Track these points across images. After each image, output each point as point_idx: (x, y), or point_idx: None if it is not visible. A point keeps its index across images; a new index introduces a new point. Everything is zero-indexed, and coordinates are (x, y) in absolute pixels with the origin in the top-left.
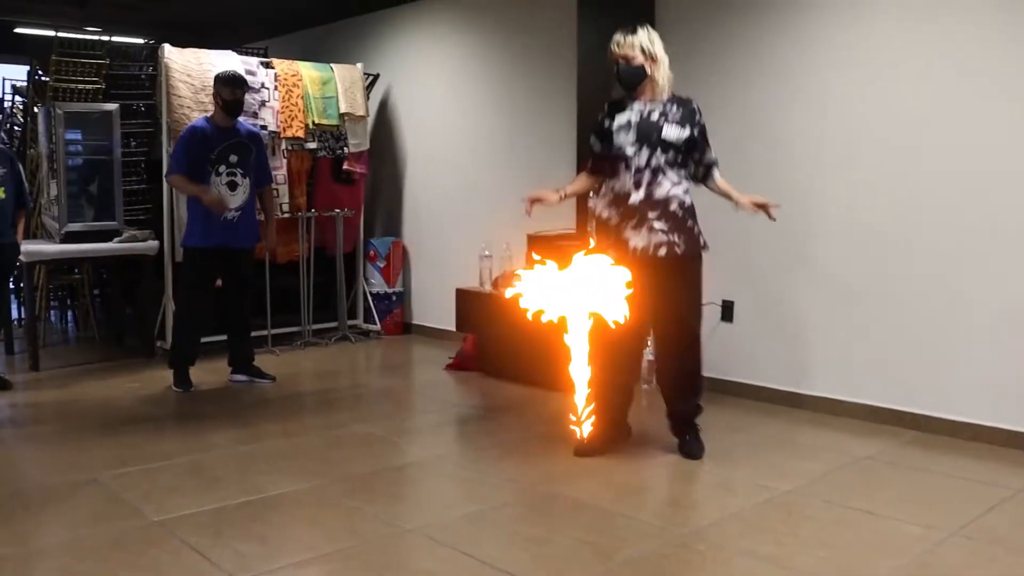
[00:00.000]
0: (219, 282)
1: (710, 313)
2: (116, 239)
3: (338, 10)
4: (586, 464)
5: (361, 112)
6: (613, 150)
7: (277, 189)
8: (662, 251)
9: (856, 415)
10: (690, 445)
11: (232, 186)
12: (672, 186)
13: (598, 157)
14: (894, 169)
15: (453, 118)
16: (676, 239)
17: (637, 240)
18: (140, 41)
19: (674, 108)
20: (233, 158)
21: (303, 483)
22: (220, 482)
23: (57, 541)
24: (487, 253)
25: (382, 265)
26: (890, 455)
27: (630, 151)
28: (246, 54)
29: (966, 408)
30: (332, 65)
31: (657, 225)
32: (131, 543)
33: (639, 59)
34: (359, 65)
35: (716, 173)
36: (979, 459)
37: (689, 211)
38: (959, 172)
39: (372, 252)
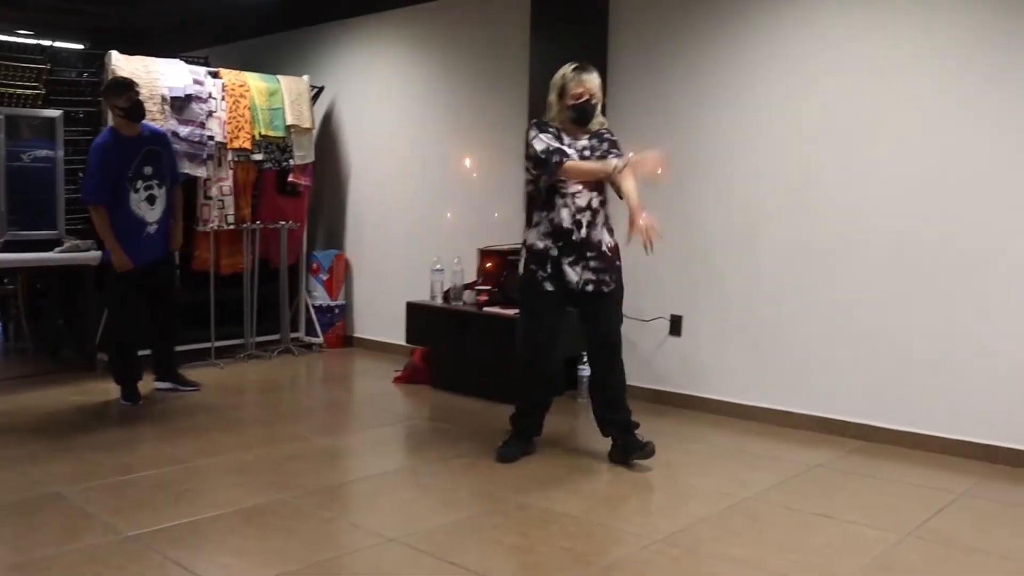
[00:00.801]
0: None
1: (659, 327)
2: (57, 248)
3: (281, 22)
4: (549, 473)
5: (307, 124)
6: (558, 182)
7: (223, 200)
8: (590, 287)
9: (803, 426)
10: (637, 445)
11: (151, 200)
12: (602, 225)
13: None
14: (838, 183)
15: (400, 132)
16: (607, 278)
17: (572, 275)
18: (78, 46)
19: (604, 145)
20: (148, 170)
21: (273, 495)
22: (189, 495)
23: (32, 558)
24: (439, 267)
25: (325, 278)
26: (839, 463)
27: (572, 189)
28: (189, 63)
29: (908, 418)
30: (279, 76)
31: (593, 264)
32: (110, 558)
33: (597, 98)
34: (305, 77)
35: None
36: (922, 465)
37: (615, 250)
38: (905, 187)
39: (315, 265)
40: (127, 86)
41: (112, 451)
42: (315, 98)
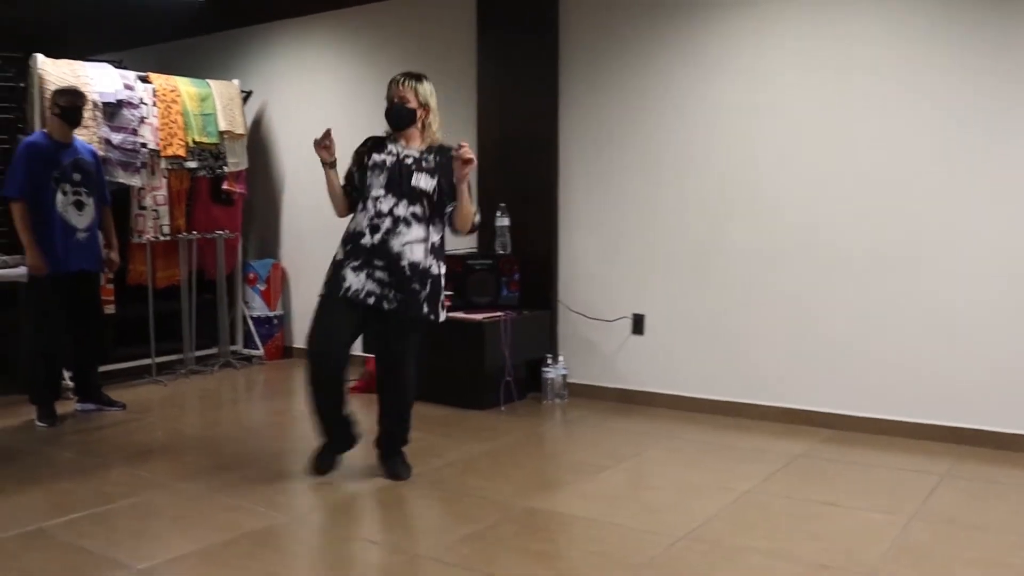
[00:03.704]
0: None
1: (621, 327)
2: None
3: (199, 25)
4: (543, 477)
5: (240, 130)
6: (364, 188)
7: (158, 210)
8: (371, 300)
9: (771, 417)
10: (398, 466)
11: (79, 205)
12: (410, 241)
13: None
14: (796, 177)
15: (334, 136)
16: (390, 295)
17: (353, 281)
18: None
19: (431, 157)
20: (77, 176)
21: (279, 516)
22: (185, 521)
23: None
24: None
25: (262, 288)
26: (818, 452)
27: (375, 193)
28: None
29: (872, 405)
30: (209, 81)
31: (378, 275)
32: None
33: (413, 103)
34: (236, 81)
35: (450, 210)
36: (895, 450)
37: (420, 273)
38: (867, 179)
39: (252, 275)
40: (76, 92)
41: (77, 479)
42: (243, 103)
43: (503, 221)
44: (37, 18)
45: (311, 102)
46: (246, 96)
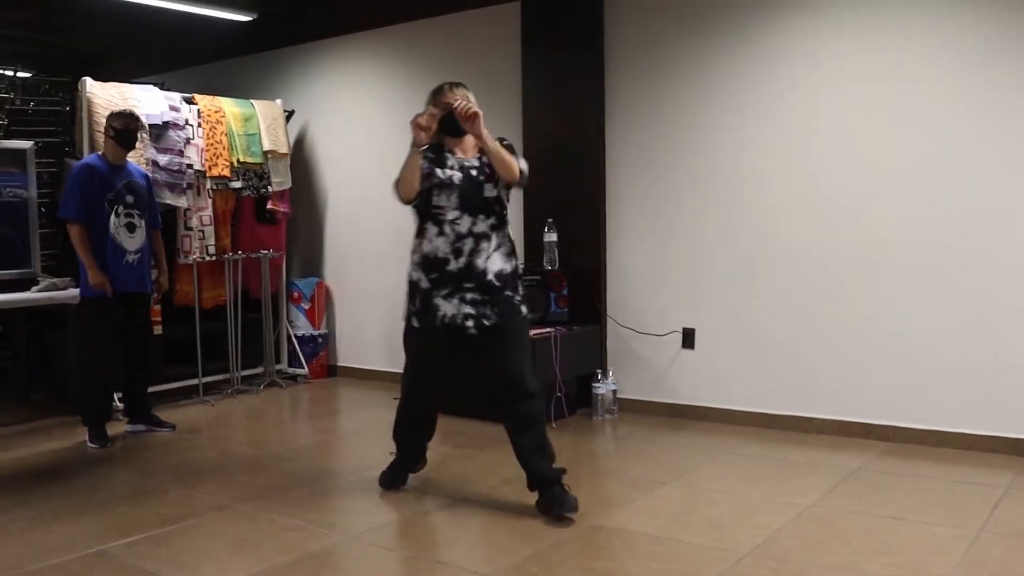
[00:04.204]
0: None
1: (671, 341)
2: (34, 288)
3: (242, 46)
4: (605, 494)
5: (284, 149)
6: (432, 208)
7: (204, 231)
8: (469, 323)
9: (825, 430)
10: (565, 497)
11: (131, 228)
12: (491, 253)
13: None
14: (848, 190)
15: (377, 154)
16: (487, 311)
17: (447, 309)
18: (25, 74)
19: (487, 161)
20: (130, 198)
21: (339, 536)
22: (247, 543)
23: None
24: None
25: (307, 307)
26: (876, 465)
27: (451, 216)
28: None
29: (930, 417)
30: (252, 101)
31: (470, 296)
32: None
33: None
34: (278, 101)
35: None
36: (955, 463)
37: (505, 279)
38: (918, 190)
39: (296, 294)
40: (131, 115)
41: (132, 501)
42: (286, 122)
43: (551, 236)
44: (82, 43)
45: (353, 121)
46: (288, 116)
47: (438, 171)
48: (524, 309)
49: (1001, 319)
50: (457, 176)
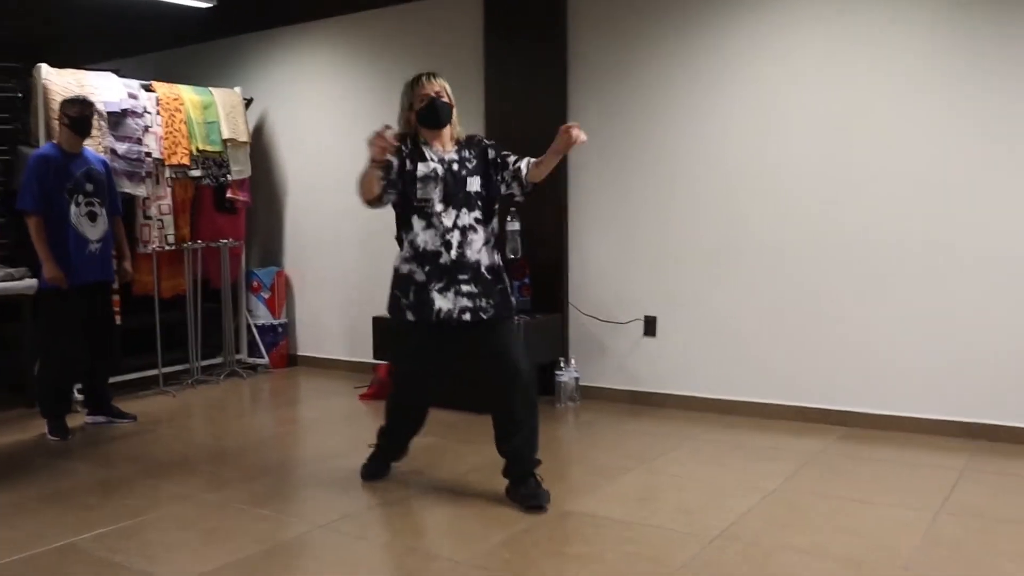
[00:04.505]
0: None
1: (633, 329)
2: None
3: (197, 33)
4: (572, 480)
5: (243, 138)
6: (415, 201)
7: (163, 220)
8: (466, 316)
9: (784, 416)
10: (538, 490)
11: (92, 216)
12: (480, 246)
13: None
14: (811, 175)
15: (337, 142)
16: (483, 304)
17: (443, 303)
18: None
19: (469, 153)
20: (89, 187)
21: (310, 525)
22: (218, 533)
23: None
24: None
25: (267, 296)
26: (836, 449)
27: (437, 208)
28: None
29: (885, 402)
30: (211, 89)
31: (465, 289)
32: None
33: (445, 98)
34: (237, 89)
35: (524, 165)
36: (911, 446)
37: (496, 272)
38: (877, 182)
39: (256, 283)
40: (85, 102)
41: (105, 493)
42: (245, 110)
43: (514, 225)
44: (36, 28)
45: (313, 109)
46: (248, 103)
47: (420, 165)
48: (514, 300)
49: (955, 309)
50: (439, 168)
